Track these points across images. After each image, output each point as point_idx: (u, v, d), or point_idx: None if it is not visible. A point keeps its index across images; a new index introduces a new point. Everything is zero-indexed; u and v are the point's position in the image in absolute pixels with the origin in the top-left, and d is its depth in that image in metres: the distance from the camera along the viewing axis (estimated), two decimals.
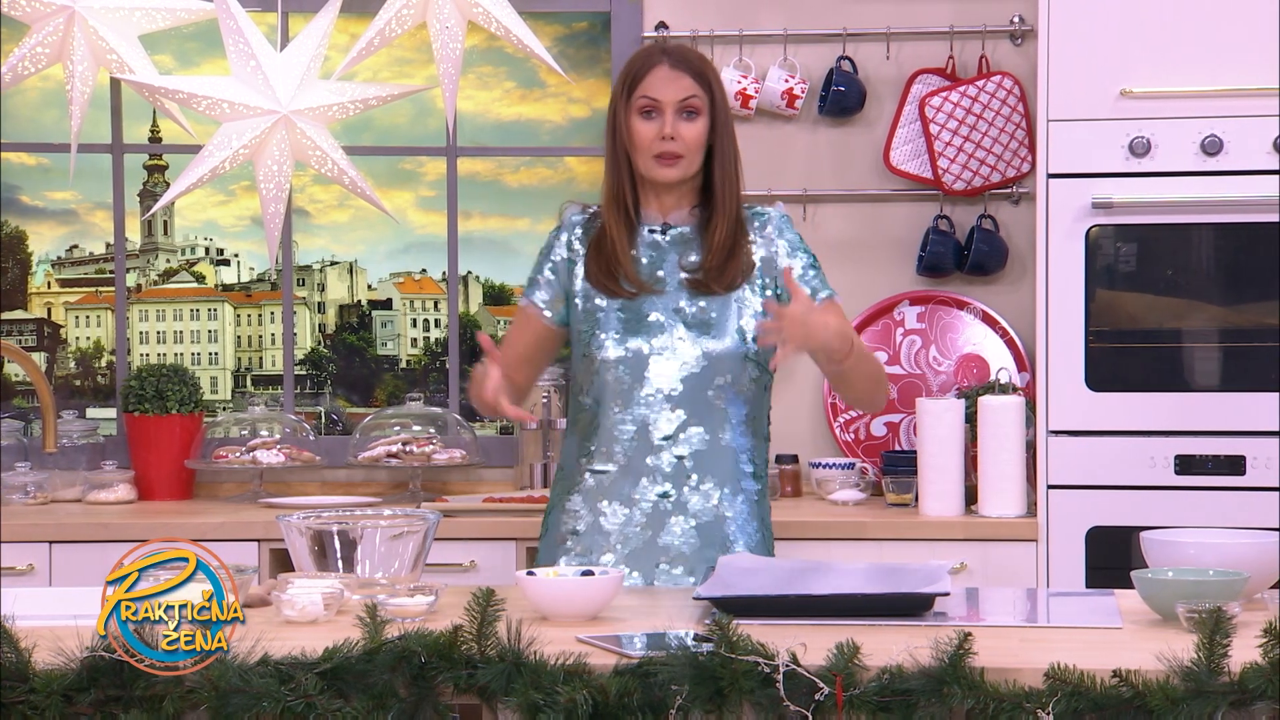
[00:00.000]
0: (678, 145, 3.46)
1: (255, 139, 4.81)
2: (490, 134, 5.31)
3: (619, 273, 3.50)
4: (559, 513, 3.57)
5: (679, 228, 3.54)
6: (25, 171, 5.35)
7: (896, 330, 5.06)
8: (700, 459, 3.48)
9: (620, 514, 3.48)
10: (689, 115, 3.47)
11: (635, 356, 3.48)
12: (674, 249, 3.53)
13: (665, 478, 3.48)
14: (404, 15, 4.84)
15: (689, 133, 3.47)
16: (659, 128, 3.46)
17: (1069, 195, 4.46)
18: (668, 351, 3.48)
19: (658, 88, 3.47)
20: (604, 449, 3.50)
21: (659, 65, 3.49)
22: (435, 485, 5.10)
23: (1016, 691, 2.50)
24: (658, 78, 3.48)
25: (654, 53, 3.54)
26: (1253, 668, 2.49)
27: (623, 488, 3.49)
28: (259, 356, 5.42)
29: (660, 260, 3.52)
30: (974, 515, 4.52)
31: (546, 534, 3.61)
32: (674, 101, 3.47)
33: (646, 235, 3.54)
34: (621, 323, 3.49)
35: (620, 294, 3.50)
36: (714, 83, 3.52)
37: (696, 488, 3.48)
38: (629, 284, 3.50)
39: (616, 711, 2.53)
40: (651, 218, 3.54)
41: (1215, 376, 4.48)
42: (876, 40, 5.06)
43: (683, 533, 3.47)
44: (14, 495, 4.92)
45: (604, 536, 3.48)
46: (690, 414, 3.48)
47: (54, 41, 4.84)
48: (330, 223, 5.37)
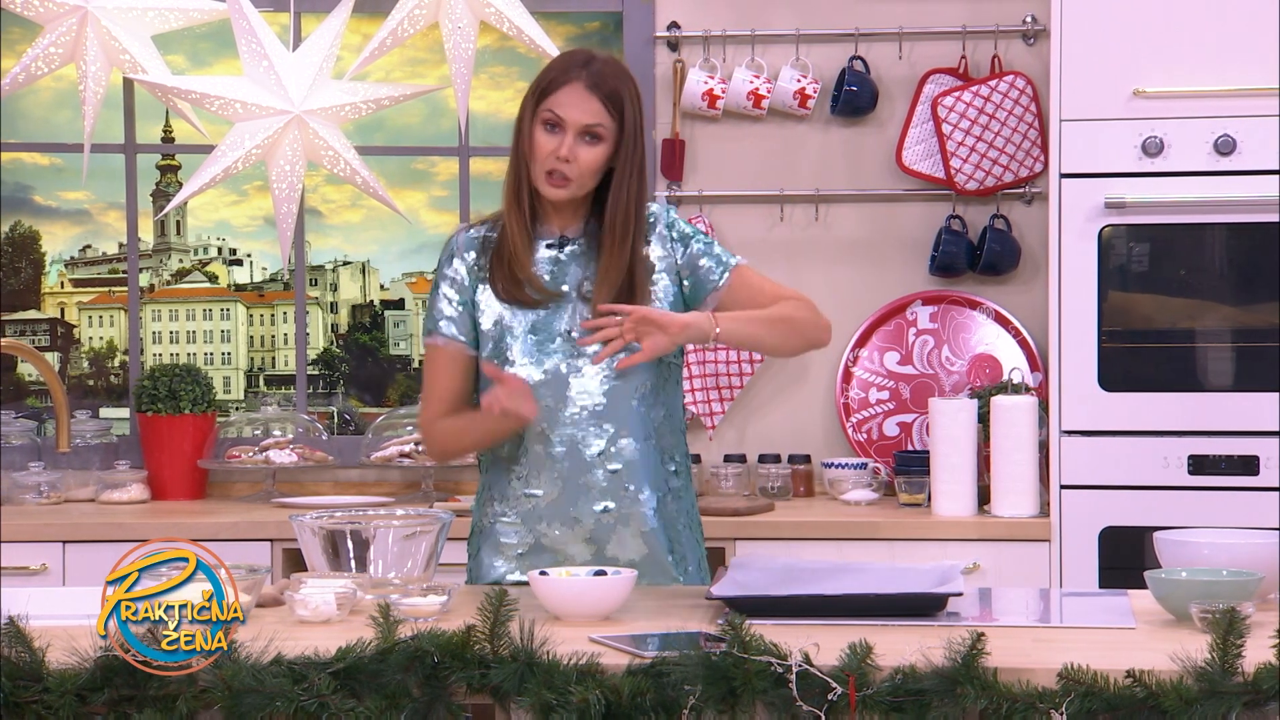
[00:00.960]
0: (570, 168, 3.37)
1: (268, 139, 4.82)
2: (503, 134, 5.30)
3: (524, 278, 3.41)
4: (494, 534, 3.48)
5: (575, 241, 3.46)
6: (38, 171, 5.35)
7: (909, 330, 5.06)
8: (633, 469, 3.43)
9: (563, 534, 3.43)
10: (590, 139, 3.38)
11: (554, 377, 3.42)
12: (574, 262, 3.45)
13: (604, 493, 3.42)
14: (416, 15, 4.85)
15: (585, 157, 3.38)
16: (557, 145, 3.38)
17: (1082, 195, 4.45)
18: (585, 366, 3.44)
19: (565, 106, 3.38)
20: (536, 472, 3.43)
21: (574, 82, 3.38)
22: (448, 485, 5.11)
23: (1030, 692, 2.50)
24: (568, 95, 3.38)
25: (574, 65, 3.42)
26: (1267, 668, 2.49)
27: (562, 509, 3.42)
28: (272, 356, 5.42)
29: (561, 275, 3.44)
30: (987, 515, 4.52)
31: (480, 553, 3.51)
32: (577, 124, 3.37)
33: (544, 250, 3.46)
34: (534, 343, 3.42)
35: (528, 303, 3.41)
36: (627, 107, 3.40)
37: (635, 497, 3.43)
38: (536, 291, 3.42)
39: (629, 712, 2.53)
40: (549, 232, 3.46)
41: (1228, 377, 4.47)
42: (889, 40, 5.06)
43: (629, 542, 3.44)
44: (27, 495, 4.93)
45: (550, 554, 3.43)
46: (618, 426, 3.42)
47: (67, 41, 4.85)
48: (343, 223, 5.38)
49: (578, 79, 3.39)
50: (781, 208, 5.10)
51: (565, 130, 3.38)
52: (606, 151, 3.40)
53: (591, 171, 3.40)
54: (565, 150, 3.37)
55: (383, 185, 4.96)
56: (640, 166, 3.43)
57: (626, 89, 3.42)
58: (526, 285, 3.42)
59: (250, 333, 5.42)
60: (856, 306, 5.07)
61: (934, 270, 5.03)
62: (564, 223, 3.47)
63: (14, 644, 2.59)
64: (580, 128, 3.38)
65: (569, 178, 3.39)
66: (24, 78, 4.87)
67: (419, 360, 5.39)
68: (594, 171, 3.40)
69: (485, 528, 3.51)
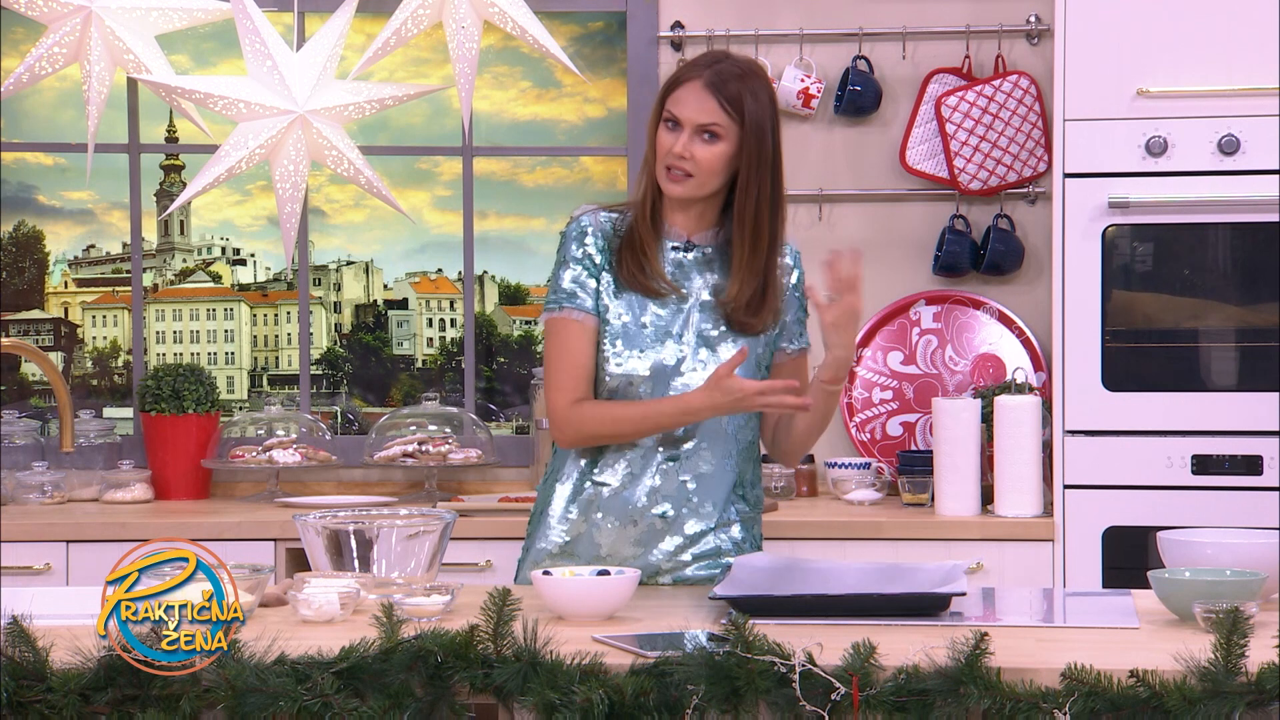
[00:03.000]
0: (688, 164, 3.37)
1: (271, 139, 4.82)
2: (506, 134, 5.31)
3: (649, 269, 3.41)
4: (549, 502, 3.48)
5: (702, 247, 3.46)
6: (42, 171, 5.36)
7: (913, 330, 5.06)
8: (704, 481, 3.43)
9: (614, 528, 3.44)
10: (709, 138, 3.37)
11: (658, 373, 3.41)
12: (697, 267, 3.45)
13: (665, 497, 3.42)
14: (420, 15, 4.85)
15: (703, 154, 3.37)
16: (674, 142, 3.39)
17: (1085, 195, 4.45)
18: (690, 374, 3.41)
19: (682, 105, 3.38)
20: (610, 460, 3.43)
21: (694, 80, 3.39)
22: (451, 485, 5.11)
23: (1033, 691, 2.50)
24: (687, 93, 3.38)
25: (699, 64, 3.43)
26: (1270, 668, 2.49)
27: (622, 502, 3.42)
28: (275, 356, 5.42)
29: (684, 278, 3.44)
30: (990, 515, 4.52)
31: (540, 516, 3.49)
32: (693, 122, 3.37)
33: (670, 250, 3.46)
34: (644, 336, 3.42)
35: (653, 293, 3.41)
36: (749, 111, 3.38)
37: (696, 510, 3.43)
38: (661, 283, 3.42)
39: (632, 711, 2.53)
40: (676, 234, 3.46)
41: (1232, 376, 4.47)
42: (893, 40, 5.06)
43: (675, 550, 3.44)
44: (31, 495, 4.93)
45: (595, 548, 3.44)
46: (702, 438, 3.43)
47: (71, 41, 4.85)
48: (346, 222, 5.38)
49: (698, 78, 3.39)
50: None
51: (683, 128, 3.38)
52: (726, 151, 3.38)
53: (711, 171, 3.38)
54: (681, 147, 3.37)
55: (386, 185, 4.96)
56: (772, 169, 3.42)
57: (750, 89, 3.39)
58: (654, 278, 3.42)
59: (254, 332, 5.42)
60: (861, 306, 5.06)
61: (937, 270, 5.03)
62: (691, 227, 3.46)
63: (18, 644, 2.59)
64: (696, 126, 3.37)
65: (688, 174, 3.38)
66: (28, 78, 4.87)
67: (422, 360, 5.39)
68: (713, 171, 3.39)
69: (542, 510, 3.50)
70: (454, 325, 5.39)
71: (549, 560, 3.45)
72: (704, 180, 3.39)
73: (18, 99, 5.18)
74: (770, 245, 3.43)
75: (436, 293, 5.39)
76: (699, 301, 3.44)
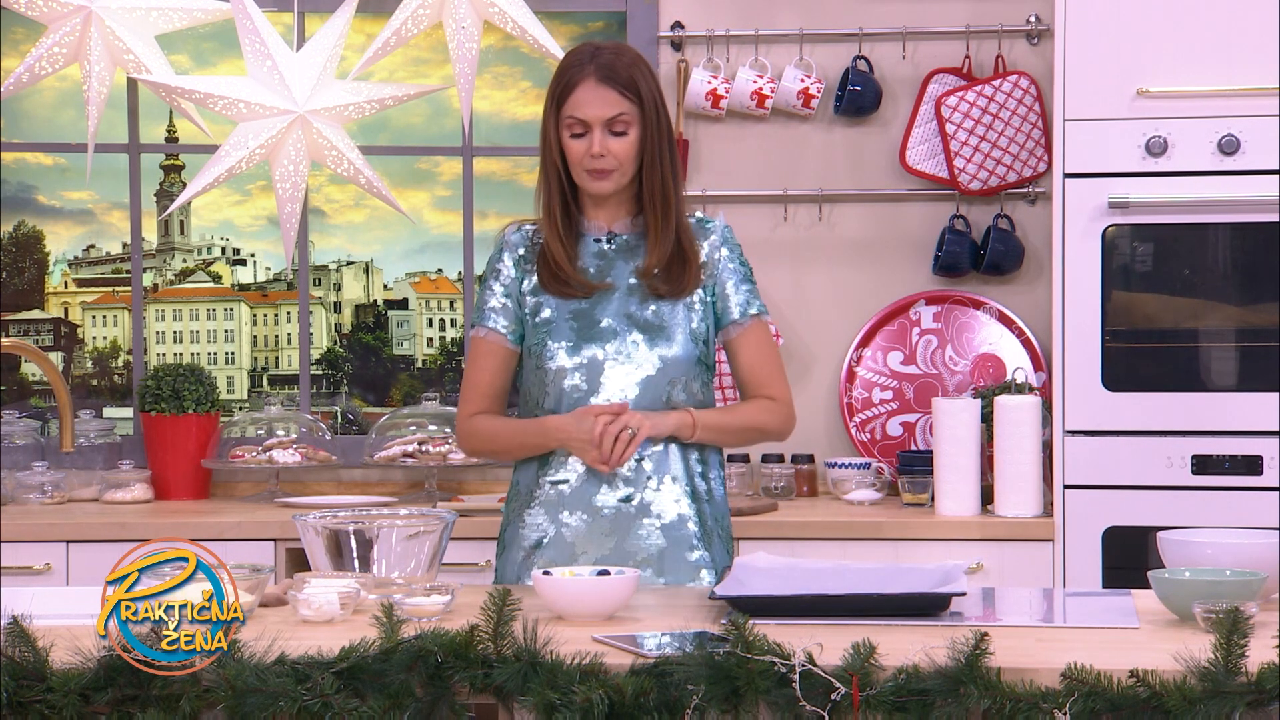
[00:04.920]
0: (607, 161, 3.43)
1: (271, 139, 4.82)
2: (506, 134, 5.31)
3: (564, 275, 3.47)
4: (518, 527, 3.52)
5: (623, 235, 3.52)
6: (42, 171, 5.36)
7: (912, 330, 5.06)
8: (659, 460, 3.47)
9: (583, 522, 3.46)
10: (619, 130, 3.43)
11: (590, 364, 3.46)
12: (621, 256, 3.51)
13: (626, 482, 3.46)
14: (420, 15, 4.85)
15: (618, 148, 3.43)
16: (588, 145, 3.43)
17: (1085, 195, 4.45)
18: (623, 357, 3.46)
19: (584, 107, 3.42)
20: (561, 458, 3.48)
21: (585, 80, 3.42)
22: (451, 485, 5.11)
23: (1033, 691, 2.50)
24: (584, 95, 3.42)
25: (582, 62, 3.45)
26: (1270, 668, 2.49)
27: (583, 496, 3.46)
28: (275, 356, 5.42)
29: (608, 268, 3.50)
30: (990, 515, 4.52)
31: (506, 550, 3.54)
32: (601, 119, 3.42)
33: (592, 244, 3.52)
34: (574, 331, 3.47)
35: (572, 295, 3.48)
36: (644, 91, 3.45)
37: (657, 489, 3.47)
38: (578, 285, 3.48)
39: (632, 711, 2.53)
40: (596, 227, 3.53)
41: (1232, 376, 4.47)
42: (892, 40, 5.06)
43: (648, 534, 3.46)
44: (31, 495, 4.93)
45: (568, 546, 3.46)
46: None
47: (71, 41, 4.85)
48: (346, 222, 5.38)
49: (588, 75, 3.44)
50: (785, 208, 5.10)
51: (592, 129, 3.43)
52: (637, 135, 3.46)
53: (629, 158, 3.45)
54: (596, 147, 3.43)
55: (386, 185, 4.96)
56: (668, 140, 3.49)
57: (638, 69, 3.47)
58: (570, 281, 3.48)
59: (254, 332, 5.42)
60: (860, 306, 5.07)
61: (937, 270, 5.03)
62: (609, 218, 3.53)
63: (18, 644, 2.59)
64: (604, 122, 3.43)
65: (609, 169, 3.45)
66: (28, 78, 4.87)
67: (422, 360, 5.39)
68: (630, 158, 3.46)
69: (510, 521, 3.55)
70: (454, 325, 5.39)
71: (523, 565, 3.48)
72: (626, 170, 3.46)
73: (18, 99, 5.18)
74: (679, 205, 3.50)
75: (436, 293, 5.40)
76: (626, 285, 3.49)
